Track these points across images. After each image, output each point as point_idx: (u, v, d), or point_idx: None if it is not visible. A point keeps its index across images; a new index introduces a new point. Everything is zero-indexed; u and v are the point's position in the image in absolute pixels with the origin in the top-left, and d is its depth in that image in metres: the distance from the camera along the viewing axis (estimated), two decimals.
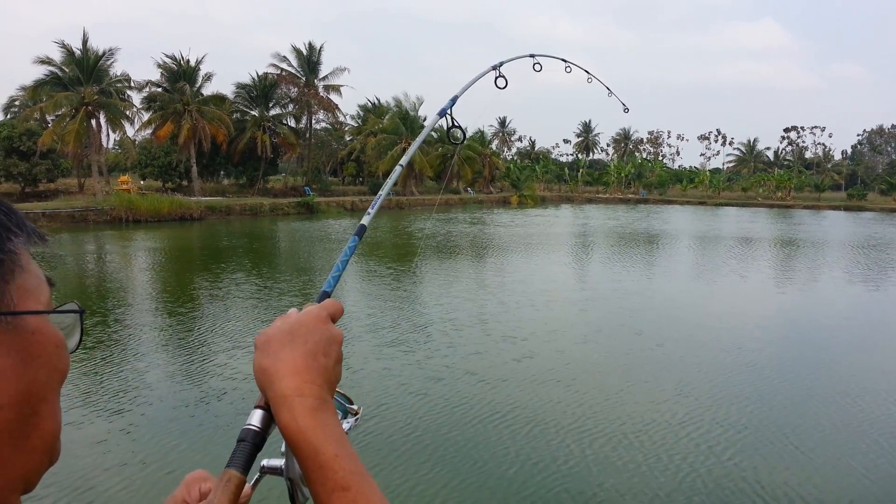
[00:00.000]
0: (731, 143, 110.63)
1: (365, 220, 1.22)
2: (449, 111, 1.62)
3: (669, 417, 7.48)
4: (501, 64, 1.90)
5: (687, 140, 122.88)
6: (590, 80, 2.94)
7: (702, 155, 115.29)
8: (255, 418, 0.78)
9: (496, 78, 1.88)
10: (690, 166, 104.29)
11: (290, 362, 0.76)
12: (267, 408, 0.77)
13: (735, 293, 16.59)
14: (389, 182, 1.30)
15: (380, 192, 1.26)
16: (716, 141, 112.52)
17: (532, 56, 2.21)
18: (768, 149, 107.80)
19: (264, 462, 0.84)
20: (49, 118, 42.68)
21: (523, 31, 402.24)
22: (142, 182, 50.08)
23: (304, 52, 53.00)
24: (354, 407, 0.95)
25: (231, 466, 0.74)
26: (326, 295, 0.98)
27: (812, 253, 25.95)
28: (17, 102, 51.21)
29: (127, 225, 32.74)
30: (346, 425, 0.89)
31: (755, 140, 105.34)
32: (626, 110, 3.31)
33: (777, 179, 76.76)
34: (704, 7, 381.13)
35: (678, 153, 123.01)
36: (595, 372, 9.29)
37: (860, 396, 8.27)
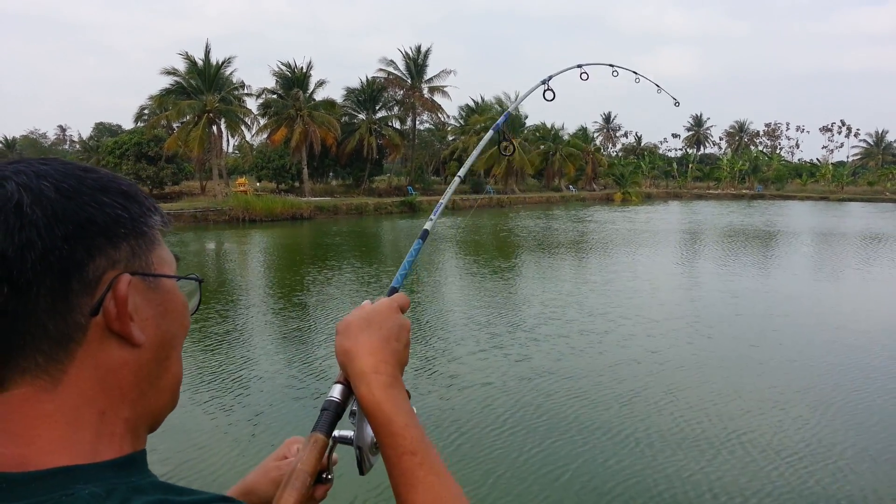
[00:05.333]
0: (856, 135, 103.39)
1: (427, 226, 1.38)
2: (502, 126, 1.83)
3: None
4: (550, 78, 2.08)
5: (808, 132, 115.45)
6: (637, 80, 3.02)
7: (824, 147, 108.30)
8: (336, 392, 0.91)
9: (544, 91, 2.06)
10: (811, 159, 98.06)
11: (368, 344, 0.89)
12: (346, 383, 0.91)
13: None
14: (449, 191, 1.48)
15: (440, 201, 1.44)
16: (839, 132, 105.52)
17: (579, 66, 2.38)
18: None
19: (336, 433, 0.93)
20: (174, 125, 45.76)
21: (630, 24, 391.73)
22: (258, 184, 52.92)
23: (411, 55, 54.29)
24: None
25: (316, 430, 0.87)
26: (395, 290, 1.14)
27: None
28: (146, 111, 55.13)
29: (243, 224, 34.73)
30: None
31: (884, 131, 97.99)
32: (677, 104, 3.36)
33: None
34: None
35: (797, 146, 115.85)
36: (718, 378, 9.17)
37: None
